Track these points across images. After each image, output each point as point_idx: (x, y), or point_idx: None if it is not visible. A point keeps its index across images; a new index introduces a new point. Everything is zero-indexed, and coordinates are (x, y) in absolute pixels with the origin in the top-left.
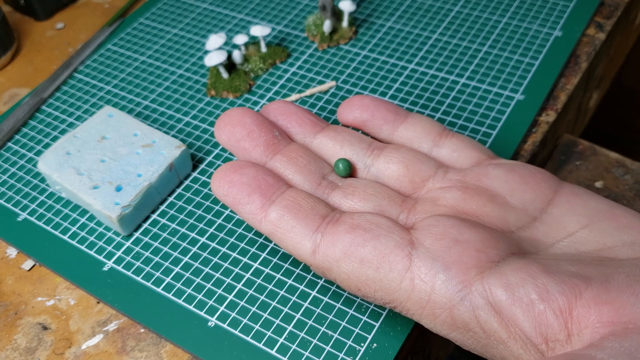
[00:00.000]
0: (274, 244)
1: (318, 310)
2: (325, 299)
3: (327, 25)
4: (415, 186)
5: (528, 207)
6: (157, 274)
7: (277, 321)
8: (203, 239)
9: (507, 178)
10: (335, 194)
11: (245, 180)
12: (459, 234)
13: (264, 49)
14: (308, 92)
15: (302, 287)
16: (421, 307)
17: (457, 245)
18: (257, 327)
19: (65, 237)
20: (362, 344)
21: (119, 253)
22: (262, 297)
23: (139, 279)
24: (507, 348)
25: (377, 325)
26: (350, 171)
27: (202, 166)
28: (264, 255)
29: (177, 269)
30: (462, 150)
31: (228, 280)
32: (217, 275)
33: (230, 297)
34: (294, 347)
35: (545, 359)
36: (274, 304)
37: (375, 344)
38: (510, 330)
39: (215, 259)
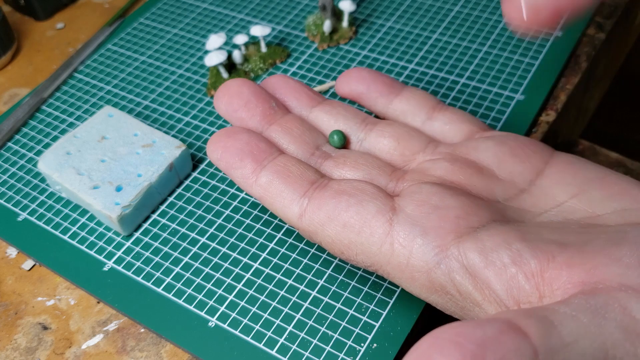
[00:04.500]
0: (275, 244)
1: (318, 311)
2: (326, 299)
3: (327, 25)
4: (405, 159)
5: (516, 179)
6: (158, 274)
7: (277, 321)
8: (203, 239)
9: (496, 151)
10: (328, 163)
11: (238, 145)
12: (440, 201)
13: (264, 49)
14: None
15: (302, 287)
16: (400, 270)
17: (436, 211)
18: (257, 327)
19: (66, 237)
20: (362, 344)
21: (119, 253)
22: (263, 297)
23: (139, 279)
24: (482, 310)
25: (377, 325)
26: (344, 142)
27: (202, 166)
28: (264, 255)
29: (177, 269)
30: (454, 123)
31: (228, 281)
32: (218, 275)
33: (231, 297)
34: (294, 347)
35: (506, 311)
36: (274, 304)
37: (375, 344)
38: (484, 292)
39: (216, 259)
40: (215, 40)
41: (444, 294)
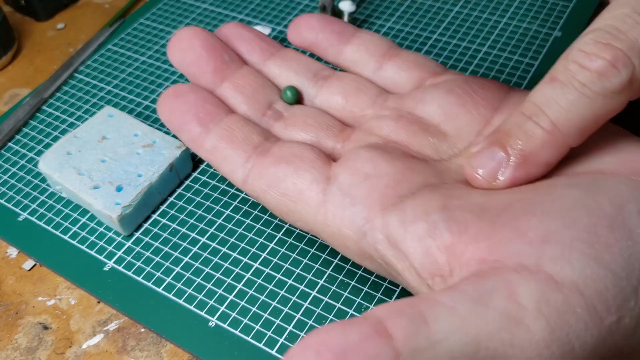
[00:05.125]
0: (275, 244)
1: (318, 310)
2: (326, 299)
3: None
4: (354, 116)
5: (463, 132)
6: (158, 274)
7: (278, 321)
8: (203, 239)
9: (443, 102)
10: (278, 124)
11: (184, 107)
12: (372, 169)
13: None
14: None
15: (302, 287)
16: (334, 238)
17: (367, 180)
18: (257, 327)
19: (66, 237)
20: None
21: (119, 253)
22: (263, 297)
23: (139, 279)
24: (405, 280)
25: None
26: (297, 97)
27: (203, 166)
28: (264, 255)
29: (177, 269)
30: (405, 71)
31: (228, 280)
32: (218, 275)
33: (231, 297)
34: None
35: (381, 308)
36: (274, 304)
37: None
38: (404, 263)
39: (216, 259)
40: None
41: (373, 261)
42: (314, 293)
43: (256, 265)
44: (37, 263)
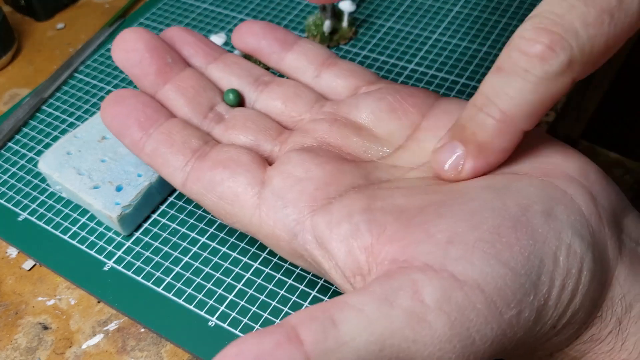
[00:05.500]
0: None
1: None
2: (325, 299)
3: (327, 26)
4: (293, 120)
5: (393, 135)
6: (158, 273)
7: (277, 321)
8: (203, 239)
9: (374, 108)
10: (219, 127)
11: (125, 112)
12: (304, 172)
13: None
14: None
15: (302, 287)
16: (269, 239)
17: (298, 183)
18: (257, 327)
19: (66, 237)
20: None
21: (119, 253)
22: (262, 297)
23: (139, 278)
24: (332, 278)
25: None
26: (239, 100)
27: None
28: (264, 255)
29: (177, 269)
30: (341, 79)
31: (228, 280)
32: (217, 275)
33: (231, 296)
34: None
35: (296, 315)
36: (274, 303)
37: None
38: (330, 263)
39: (216, 259)
40: (215, 41)
41: (304, 260)
42: (313, 293)
43: (256, 265)
44: (37, 263)
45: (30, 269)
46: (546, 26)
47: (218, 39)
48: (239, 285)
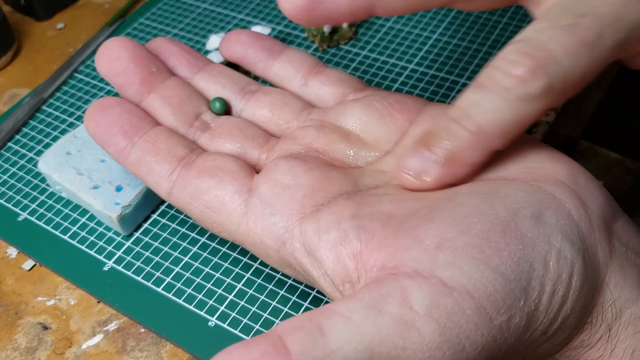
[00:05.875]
0: None
1: None
2: (325, 299)
3: (327, 26)
4: (280, 128)
5: (381, 141)
6: (158, 273)
7: (278, 321)
8: (203, 239)
9: (362, 114)
10: (205, 135)
11: (109, 121)
12: (291, 179)
13: None
14: None
15: (302, 287)
16: (256, 247)
17: (286, 191)
18: (257, 327)
19: (66, 237)
20: None
21: (119, 253)
22: (262, 297)
23: (139, 278)
24: (321, 287)
25: None
26: (225, 108)
27: None
28: None
29: (177, 269)
30: (328, 86)
31: (228, 280)
32: (217, 275)
33: (231, 297)
34: None
35: (282, 324)
36: (274, 303)
37: None
38: (319, 271)
39: (215, 259)
40: (215, 41)
41: (292, 269)
42: (313, 293)
43: (256, 265)
44: (37, 263)
45: (30, 269)
46: (530, 51)
47: (218, 39)
48: (239, 285)
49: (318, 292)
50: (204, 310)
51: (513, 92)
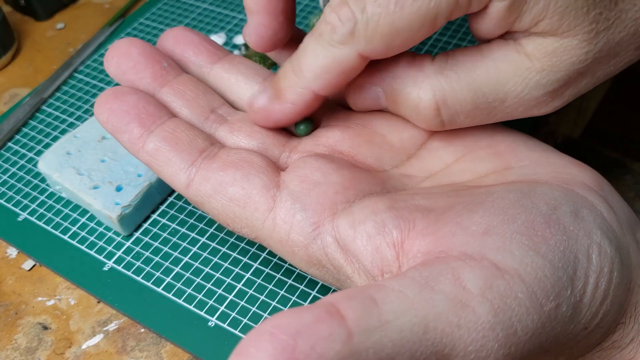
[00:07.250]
0: None
1: None
2: None
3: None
4: None
5: (406, 144)
6: (158, 273)
7: None
8: (203, 239)
9: (388, 117)
10: (223, 128)
11: (125, 108)
12: (322, 176)
13: None
14: None
15: (302, 287)
16: (282, 244)
17: (317, 187)
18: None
19: (66, 237)
20: None
21: (119, 253)
22: (262, 297)
23: (139, 278)
24: (352, 282)
25: None
26: (311, 130)
27: None
28: (264, 255)
29: (177, 269)
30: None
31: (228, 280)
32: (217, 275)
33: (231, 297)
34: None
35: (332, 295)
36: (274, 303)
37: None
38: (353, 265)
39: (216, 259)
40: (215, 41)
41: (321, 267)
42: (313, 293)
43: (256, 265)
44: (37, 263)
45: (30, 269)
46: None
47: (218, 39)
48: (239, 285)
49: (318, 292)
50: (204, 310)
51: (325, 38)
